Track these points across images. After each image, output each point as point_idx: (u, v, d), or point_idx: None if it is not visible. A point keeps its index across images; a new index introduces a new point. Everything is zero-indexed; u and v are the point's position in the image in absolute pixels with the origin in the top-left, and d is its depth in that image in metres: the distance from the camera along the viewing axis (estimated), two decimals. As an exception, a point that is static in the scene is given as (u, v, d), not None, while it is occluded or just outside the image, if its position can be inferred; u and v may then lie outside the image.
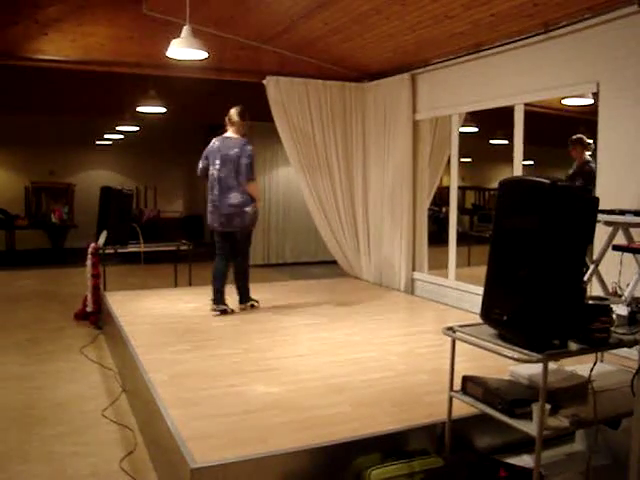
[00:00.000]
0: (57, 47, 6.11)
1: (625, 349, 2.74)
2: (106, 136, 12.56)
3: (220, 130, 5.55)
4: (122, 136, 12.30)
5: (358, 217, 7.45)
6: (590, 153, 5.75)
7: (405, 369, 3.90)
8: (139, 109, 8.74)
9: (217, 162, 5.34)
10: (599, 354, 3.15)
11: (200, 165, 5.55)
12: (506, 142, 8.81)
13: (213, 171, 5.36)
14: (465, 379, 2.84)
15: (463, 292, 6.03)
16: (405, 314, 6.03)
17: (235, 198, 5.25)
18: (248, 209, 5.28)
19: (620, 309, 2.75)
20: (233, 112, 5.41)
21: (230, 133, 5.44)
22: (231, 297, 5.56)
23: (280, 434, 2.85)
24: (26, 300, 7.57)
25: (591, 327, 2.48)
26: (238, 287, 5.64)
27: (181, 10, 4.96)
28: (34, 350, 5.30)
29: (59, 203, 12.15)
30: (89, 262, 6.34)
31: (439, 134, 6.95)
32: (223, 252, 5.51)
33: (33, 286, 8.66)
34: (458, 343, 2.80)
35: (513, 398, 2.56)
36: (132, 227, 6.87)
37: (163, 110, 8.67)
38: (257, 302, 5.72)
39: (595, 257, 3.72)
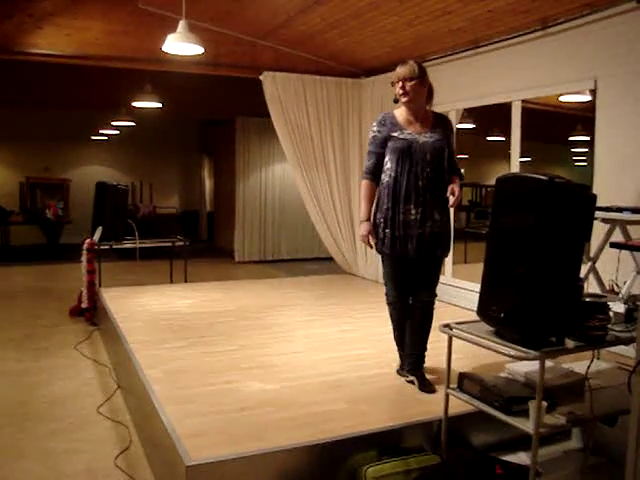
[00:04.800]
0: (52, 41, 6.07)
1: (622, 346, 2.74)
2: (101, 131, 12.48)
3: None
4: (118, 131, 12.23)
5: (354, 213, 7.43)
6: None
7: (401, 366, 3.89)
8: (135, 104, 8.70)
9: None
10: (596, 351, 3.16)
11: None
12: (503, 139, 8.82)
13: None
14: (462, 376, 2.84)
15: (459, 289, 6.03)
16: (401, 311, 6.00)
17: None
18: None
19: (617, 306, 2.75)
20: None
21: None
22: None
23: (276, 431, 2.84)
24: (21, 296, 7.54)
25: (588, 324, 2.48)
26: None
27: (177, 5, 4.94)
28: (29, 346, 5.27)
29: (54, 199, 12.08)
30: (84, 258, 6.31)
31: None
32: None
33: (28, 282, 8.62)
34: (455, 340, 2.79)
35: (510, 395, 2.56)
36: (128, 223, 6.84)
37: (159, 105, 8.63)
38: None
39: (592, 254, 3.72)
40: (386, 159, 3.52)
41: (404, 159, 3.44)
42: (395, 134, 3.51)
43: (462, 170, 3.62)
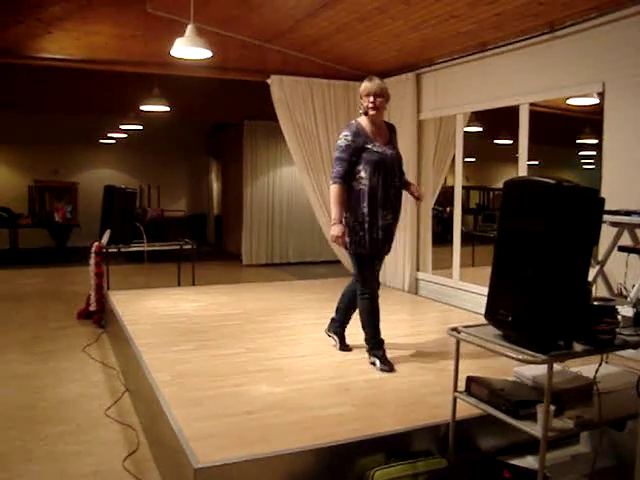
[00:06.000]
0: (61, 46, 6.11)
1: (630, 350, 2.72)
2: (110, 135, 12.57)
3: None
4: (126, 135, 12.30)
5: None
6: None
7: (409, 370, 3.89)
8: (143, 108, 8.74)
9: None
10: (604, 355, 3.14)
11: None
12: (511, 142, 8.81)
13: None
14: (469, 380, 2.83)
15: (467, 292, 6.02)
16: (409, 314, 6.01)
17: None
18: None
19: (625, 310, 2.74)
20: None
21: None
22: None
23: (283, 434, 2.84)
24: (29, 299, 7.58)
25: (596, 328, 2.47)
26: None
27: (185, 9, 4.96)
28: (37, 349, 5.30)
29: (62, 202, 12.14)
30: (92, 261, 6.34)
31: (443, 134, 6.93)
32: None
33: (36, 285, 8.67)
34: (462, 344, 2.79)
35: (517, 399, 2.55)
36: (135, 226, 6.87)
37: (167, 109, 8.67)
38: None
39: (600, 258, 3.70)
40: (359, 167, 3.83)
41: (379, 170, 3.81)
42: (369, 146, 3.84)
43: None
